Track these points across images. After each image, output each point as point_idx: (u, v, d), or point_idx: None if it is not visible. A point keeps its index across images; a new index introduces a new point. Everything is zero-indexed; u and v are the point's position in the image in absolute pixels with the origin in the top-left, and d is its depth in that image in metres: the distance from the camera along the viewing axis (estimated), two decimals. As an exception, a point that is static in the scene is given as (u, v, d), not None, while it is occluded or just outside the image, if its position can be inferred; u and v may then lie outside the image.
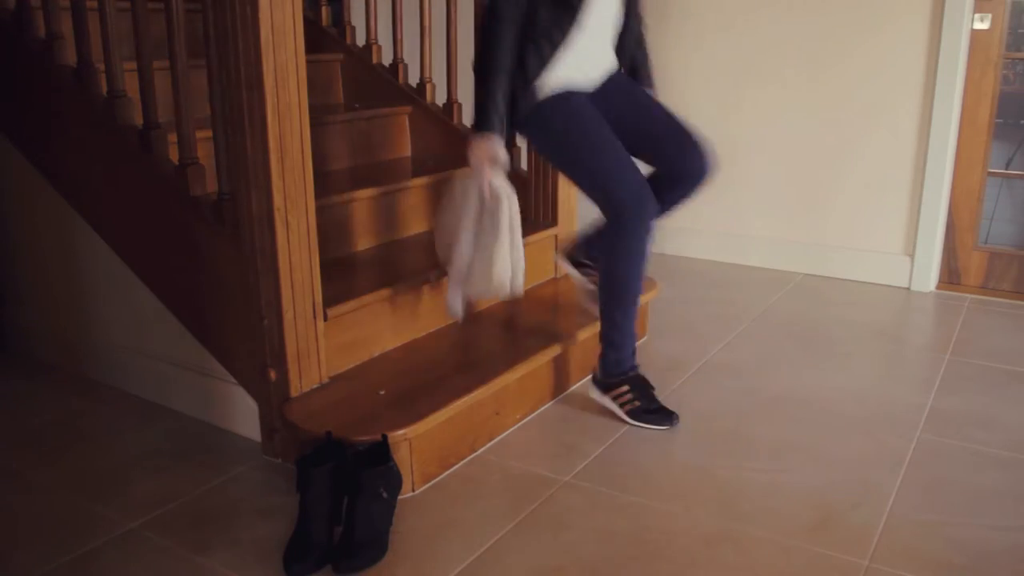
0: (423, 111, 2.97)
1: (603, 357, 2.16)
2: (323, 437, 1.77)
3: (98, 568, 1.61)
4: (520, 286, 2.06)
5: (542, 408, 2.26)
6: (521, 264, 2.05)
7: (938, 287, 3.27)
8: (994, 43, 3.02)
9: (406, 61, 3.03)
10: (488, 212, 2.02)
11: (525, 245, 2.10)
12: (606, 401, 2.18)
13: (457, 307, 2.11)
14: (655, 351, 2.63)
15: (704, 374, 2.45)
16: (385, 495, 1.66)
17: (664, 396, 2.27)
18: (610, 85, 2.16)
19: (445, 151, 2.92)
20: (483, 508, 1.80)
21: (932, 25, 3.02)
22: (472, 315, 2.40)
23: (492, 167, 1.97)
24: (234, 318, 2.01)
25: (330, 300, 2.02)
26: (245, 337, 1.99)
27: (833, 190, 3.34)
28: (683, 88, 3.55)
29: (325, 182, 2.46)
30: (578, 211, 2.75)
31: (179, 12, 1.93)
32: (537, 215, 2.76)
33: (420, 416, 1.85)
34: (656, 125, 2.12)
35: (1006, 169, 4.86)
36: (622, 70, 2.22)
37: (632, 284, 2.05)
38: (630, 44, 2.20)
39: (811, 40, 3.25)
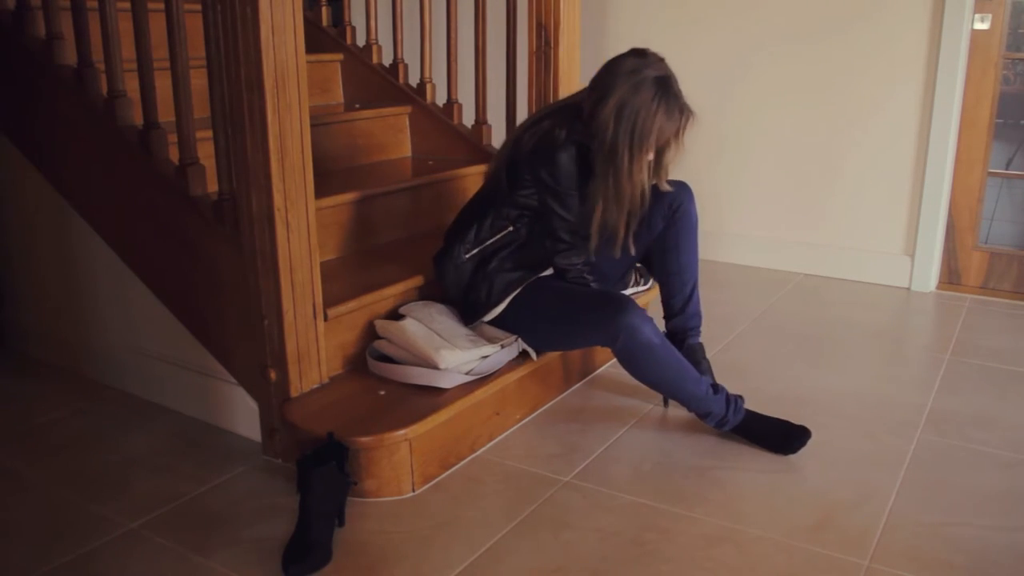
0: (423, 111, 2.97)
1: (711, 421, 2.07)
2: (323, 437, 1.77)
3: (98, 568, 1.61)
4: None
5: (542, 408, 2.26)
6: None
7: (938, 287, 3.27)
8: (994, 43, 3.02)
9: (406, 61, 3.03)
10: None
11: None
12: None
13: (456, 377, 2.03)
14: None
15: (704, 374, 2.45)
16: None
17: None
18: None
19: (445, 151, 2.92)
20: (483, 508, 1.80)
21: (932, 25, 3.02)
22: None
23: None
24: (234, 318, 2.01)
25: (330, 300, 2.02)
26: (245, 337, 1.99)
27: (833, 190, 3.34)
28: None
29: (325, 182, 2.46)
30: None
31: (179, 12, 1.93)
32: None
33: (420, 416, 1.86)
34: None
35: (1006, 169, 4.85)
36: None
37: (673, 361, 2.00)
38: None
39: (811, 40, 3.25)
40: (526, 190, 2.05)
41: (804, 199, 3.39)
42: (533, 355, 2.16)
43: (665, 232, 2.18)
